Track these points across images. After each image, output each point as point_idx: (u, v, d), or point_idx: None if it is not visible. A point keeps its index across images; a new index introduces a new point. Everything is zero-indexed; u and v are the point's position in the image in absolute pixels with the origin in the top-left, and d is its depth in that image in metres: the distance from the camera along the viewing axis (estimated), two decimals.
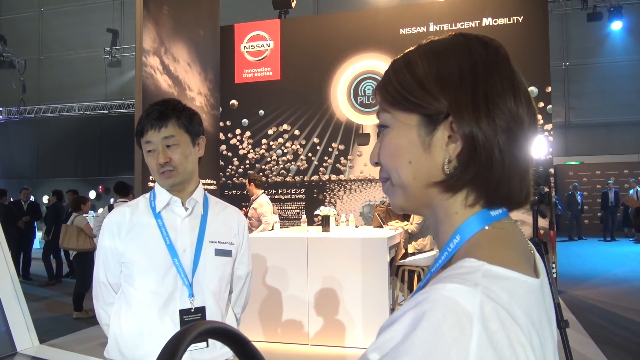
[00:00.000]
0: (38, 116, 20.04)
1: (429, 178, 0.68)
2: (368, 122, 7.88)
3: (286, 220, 7.61)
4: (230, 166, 8.33)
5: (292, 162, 8.15)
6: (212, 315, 1.68)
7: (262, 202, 6.29)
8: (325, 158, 8.01)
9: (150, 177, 5.78)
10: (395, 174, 0.70)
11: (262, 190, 6.49)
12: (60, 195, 9.69)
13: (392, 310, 5.15)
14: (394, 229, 5.83)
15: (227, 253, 1.75)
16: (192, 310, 1.64)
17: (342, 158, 7.96)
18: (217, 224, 1.77)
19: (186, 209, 1.72)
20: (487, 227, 0.66)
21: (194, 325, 0.79)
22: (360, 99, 7.91)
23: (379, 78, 0.76)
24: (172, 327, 1.63)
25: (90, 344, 5.18)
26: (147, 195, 1.77)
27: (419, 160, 0.68)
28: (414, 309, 0.57)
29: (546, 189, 3.37)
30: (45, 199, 15.85)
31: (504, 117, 0.65)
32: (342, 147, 7.96)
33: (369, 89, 7.85)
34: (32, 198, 10.51)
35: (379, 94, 0.72)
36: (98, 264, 1.75)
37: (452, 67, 0.66)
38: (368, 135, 7.89)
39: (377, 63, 7.77)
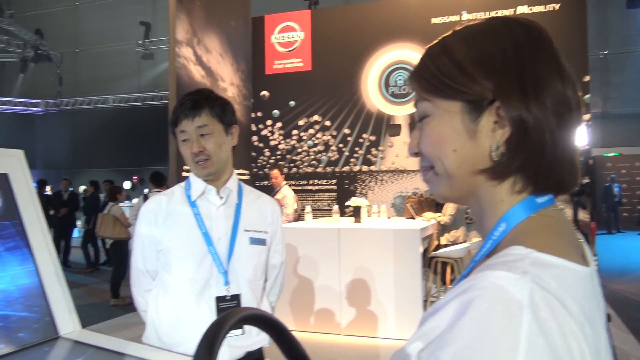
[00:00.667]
0: (74, 108, 20.53)
1: (474, 166, 0.66)
2: (399, 112, 7.80)
3: (317, 211, 7.61)
4: (261, 157, 8.38)
5: (323, 153, 8.15)
6: (247, 302, 1.70)
7: (285, 194, 6.34)
8: (356, 149, 7.98)
9: (185, 167, 5.86)
10: (439, 163, 0.69)
11: (285, 182, 6.54)
12: (97, 186, 9.92)
13: (425, 302, 5.12)
14: (427, 220, 5.78)
15: (261, 242, 1.76)
16: (228, 298, 1.67)
17: (373, 149, 7.91)
18: (252, 212, 1.78)
19: (221, 197, 1.74)
20: (533, 215, 0.64)
21: (234, 312, 0.80)
22: (391, 89, 7.83)
23: (410, 68, 0.74)
24: (209, 313, 1.65)
25: (128, 330, 5.30)
26: (183, 184, 1.80)
27: (463, 148, 0.66)
28: (460, 297, 0.55)
29: (586, 180, 3.29)
30: (81, 188, 16.25)
31: (552, 100, 0.63)
32: (373, 138, 7.91)
33: (400, 80, 7.76)
34: (71, 189, 10.80)
35: (415, 82, 0.70)
36: (136, 251, 1.79)
37: (494, 50, 0.64)
38: (399, 126, 7.81)
39: (408, 53, 7.67)
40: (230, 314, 0.78)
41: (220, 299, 1.65)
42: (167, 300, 1.69)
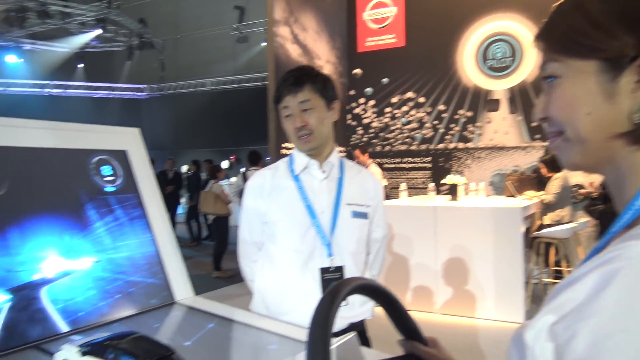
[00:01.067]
0: (176, 92, 21.65)
1: (611, 130, 0.61)
2: (498, 87, 7.45)
3: (411, 189, 7.51)
4: (354, 135, 8.39)
5: (417, 130, 8.00)
6: (350, 274, 1.72)
7: (373, 172, 6.30)
8: (452, 126, 7.74)
9: (284, 145, 6.00)
10: (571, 128, 0.64)
11: (372, 160, 6.49)
12: (199, 165, 10.44)
13: (526, 284, 4.92)
14: (529, 198, 5.52)
15: (363, 215, 1.78)
16: (332, 269, 1.70)
17: (469, 125, 7.64)
18: (354, 187, 1.80)
19: (323, 172, 1.77)
20: None
21: (347, 281, 0.81)
22: (489, 62, 7.48)
23: (511, 40, 0.69)
24: (313, 284, 1.70)
25: (230, 301, 5.58)
26: (286, 159, 1.85)
27: (599, 110, 0.61)
28: (602, 268, 0.51)
29: None
30: (184, 168, 17.17)
31: None
32: (469, 114, 7.63)
33: (499, 52, 7.39)
34: (175, 168, 11.45)
35: (543, 42, 0.66)
36: (242, 223, 1.87)
37: (635, 2, 0.59)
38: (498, 101, 7.47)
39: (510, 24, 7.26)
40: (344, 282, 0.79)
41: (324, 270, 1.69)
42: (273, 271, 1.76)
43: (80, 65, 22.27)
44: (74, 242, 1.39)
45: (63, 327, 1.27)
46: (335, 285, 0.77)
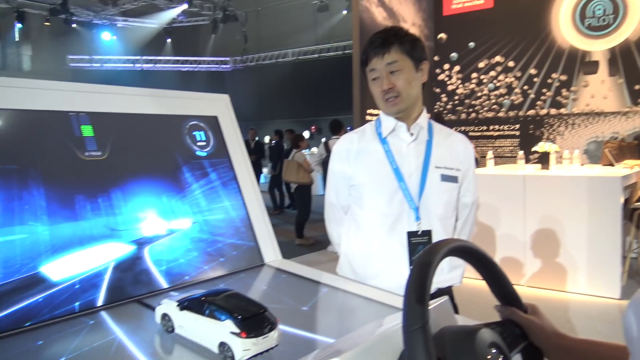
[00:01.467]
0: (258, 64, 22.01)
1: None
2: (596, 47, 6.91)
3: (498, 158, 7.22)
4: (438, 103, 8.15)
5: (506, 97, 7.63)
6: (438, 239, 1.68)
7: None
8: (544, 90, 7.31)
9: (369, 111, 5.94)
10: None
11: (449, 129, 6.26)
12: (281, 135, 10.61)
13: (623, 258, 4.62)
14: (629, 167, 5.14)
15: (453, 179, 1.73)
16: (419, 233, 1.67)
17: (563, 90, 7.17)
18: (443, 150, 1.75)
19: (411, 134, 1.72)
20: None
21: (446, 241, 0.78)
22: (587, 21, 6.94)
23: None
24: (400, 247, 1.68)
25: (314, 267, 5.70)
26: (373, 122, 1.82)
27: None
28: None
29: None
30: (266, 138, 17.54)
31: None
32: (563, 77, 7.16)
33: (599, 9, 6.83)
34: (257, 138, 11.72)
35: None
36: (329, 187, 1.87)
37: None
38: (596, 62, 6.94)
39: None
40: (442, 242, 0.77)
41: (411, 234, 1.67)
42: (360, 234, 1.76)
43: (169, 40, 23.15)
44: (172, 204, 1.46)
45: (162, 284, 1.34)
46: (433, 245, 0.75)
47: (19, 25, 20.36)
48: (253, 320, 1.05)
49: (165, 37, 23.02)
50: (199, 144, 1.63)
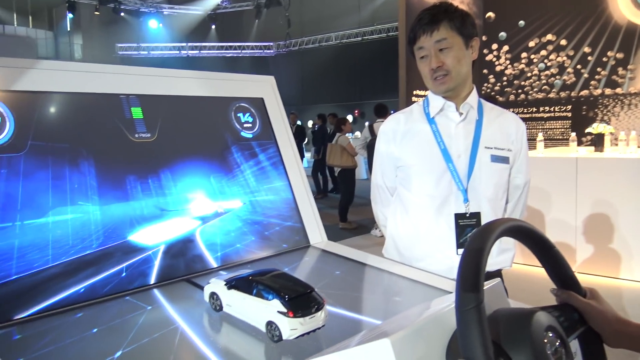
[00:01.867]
0: (301, 48, 21.99)
1: None
2: None
3: (548, 140, 6.98)
4: (485, 84, 7.93)
5: (557, 77, 7.35)
6: (487, 221, 1.64)
7: None
8: (598, 70, 7.00)
9: (415, 92, 5.84)
10: None
11: None
12: (324, 119, 10.59)
13: None
14: None
15: (503, 160, 1.68)
16: (468, 215, 1.63)
17: (619, 69, 6.84)
18: (493, 129, 1.69)
19: (460, 114, 1.68)
20: None
21: (501, 220, 0.75)
22: None
23: None
24: (447, 230, 1.64)
25: (359, 251, 5.70)
26: (421, 102, 1.78)
27: None
28: None
29: None
30: (309, 123, 17.56)
31: None
32: (620, 55, 6.82)
33: None
34: (299, 122, 11.73)
35: None
36: (375, 168, 1.85)
37: None
38: None
39: None
40: (497, 222, 0.74)
41: (459, 216, 1.63)
42: (406, 216, 1.73)
43: (213, 26, 23.41)
44: (219, 185, 1.48)
45: (210, 263, 1.36)
46: (489, 223, 0.73)
47: (70, 15, 21.02)
48: (300, 300, 1.05)
49: (209, 23, 23.30)
50: (245, 125, 1.64)
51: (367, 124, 7.85)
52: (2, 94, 1.17)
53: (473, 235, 0.71)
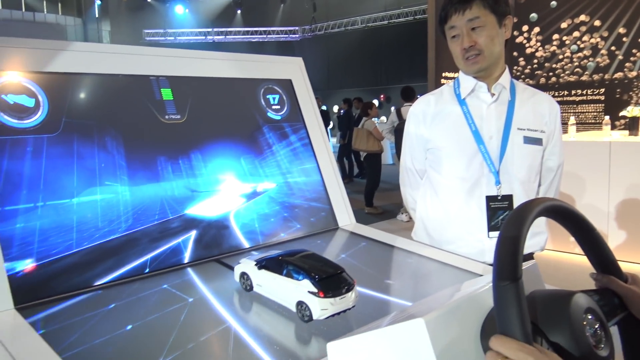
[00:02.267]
0: (327, 32, 21.84)
1: None
2: None
3: (579, 124, 6.81)
4: (515, 67, 7.76)
5: (590, 59, 7.14)
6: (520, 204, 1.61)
7: None
8: (634, 51, 6.77)
9: (444, 74, 5.75)
10: None
11: None
12: (350, 103, 10.53)
13: None
14: None
15: (536, 141, 1.64)
16: (499, 198, 1.60)
17: None
18: (526, 110, 1.65)
19: (492, 94, 1.64)
20: None
21: (539, 200, 0.73)
22: None
23: None
24: (478, 212, 1.62)
25: (388, 233, 5.68)
26: (451, 83, 1.74)
27: None
28: None
29: None
30: (335, 108, 17.49)
31: None
32: None
33: None
34: (323, 107, 11.68)
35: None
36: (404, 151, 1.83)
37: None
38: None
39: None
40: (534, 201, 0.72)
41: (491, 199, 1.60)
42: (436, 199, 1.71)
43: (239, 12, 23.41)
44: (249, 167, 1.48)
45: (239, 244, 1.37)
46: (529, 201, 0.71)
47: (98, 2, 21.26)
48: (330, 280, 1.05)
49: (235, 8, 23.29)
50: (273, 107, 1.63)
51: (392, 108, 7.78)
52: (36, 75, 1.18)
53: (513, 211, 0.69)
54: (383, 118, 14.46)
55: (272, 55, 1.77)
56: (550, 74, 7.48)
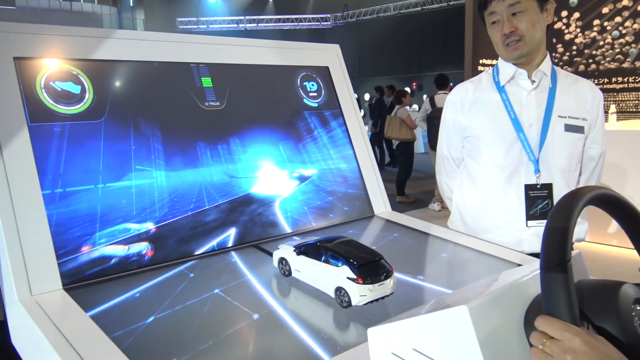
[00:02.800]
0: (359, 19, 21.65)
1: None
2: None
3: (620, 113, 6.60)
4: (553, 54, 7.56)
5: (632, 45, 6.90)
6: (560, 193, 1.57)
7: None
8: None
9: (481, 61, 5.64)
10: None
11: None
12: (382, 91, 10.44)
13: None
14: None
15: (578, 129, 1.60)
16: (539, 187, 1.58)
17: None
18: (568, 98, 1.62)
19: (532, 81, 1.61)
20: None
21: (592, 187, 0.72)
22: None
23: None
24: (517, 201, 1.60)
25: (423, 221, 5.65)
26: (490, 70, 1.71)
27: None
28: None
29: None
30: (366, 96, 17.37)
31: None
32: None
33: None
34: (356, 95, 11.59)
35: None
36: (441, 138, 1.81)
37: None
38: None
39: None
40: (583, 189, 0.70)
41: (530, 187, 1.58)
42: (474, 188, 1.69)
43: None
44: (287, 153, 1.49)
45: (276, 230, 1.39)
46: (579, 188, 0.70)
47: None
48: (369, 267, 1.06)
49: None
50: (310, 94, 1.63)
51: (425, 96, 7.69)
52: (80, 62, 1.21)
53: (563, 197, 0.68)
54: (415, 106, 14.30)
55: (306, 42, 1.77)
56: (590, 60, 7.26)
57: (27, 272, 0.99)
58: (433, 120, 5.88)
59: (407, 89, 17.13)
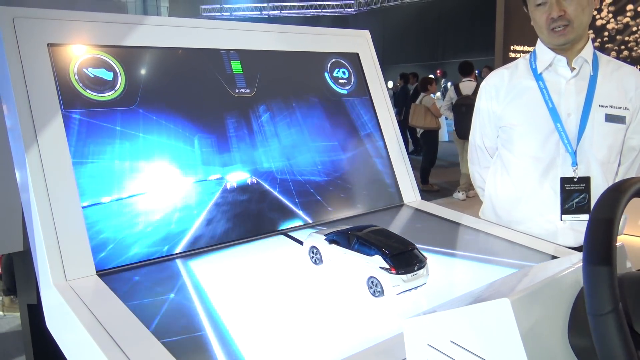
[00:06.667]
0: (383, 6, 21.41)
1: None
2: None
3: None
4: None
5: None
6: (597, 187, 1.52)
7: None
8: None
9: (513, 47, 5.49)
10: None
11: None
12: (407, 79, 10.32)
13: None
14: None
15: (619, 119, 1.54)
16: (575, 180, 1.53)
17: None
18: (610, 86, 1.55)
19: (572, 69, 1.55)
20: None
21: (637, 179, 0.69)
22: None
23: None
24: (552, 194, 1.55)
25: (454, 211, 5.61)
26: (527, 56, 1.66)
27: None
28: None
29: None
30: (390, 84, 17.20)
31: None
32: None
33: None
34: None
35: None
36: (474, 127, 1.77)
37: None
38: None
39: None
40: (631, 180, 0.68)
41: (566, 180, 1.53)
42: (507, 179, 1.65)
43: None
44: (316, 141, 1.47)
45: (307, 218, 1.38)
46: (626, 179, 0.67)
47: None
48: (402, 256, 1.04)
49: None
50: (340, 81, 1.61)
51: (449, 84, 7.57)
52: (111, 49, 1.21)
53: (609, 187, 0.65)
54: (438, 94, 14.12)
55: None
56: (622, 47, 7.06)
57: (62, 258, 1.00)
58: (461, 107, 5.79)
59: (432, 76, 16.94)
